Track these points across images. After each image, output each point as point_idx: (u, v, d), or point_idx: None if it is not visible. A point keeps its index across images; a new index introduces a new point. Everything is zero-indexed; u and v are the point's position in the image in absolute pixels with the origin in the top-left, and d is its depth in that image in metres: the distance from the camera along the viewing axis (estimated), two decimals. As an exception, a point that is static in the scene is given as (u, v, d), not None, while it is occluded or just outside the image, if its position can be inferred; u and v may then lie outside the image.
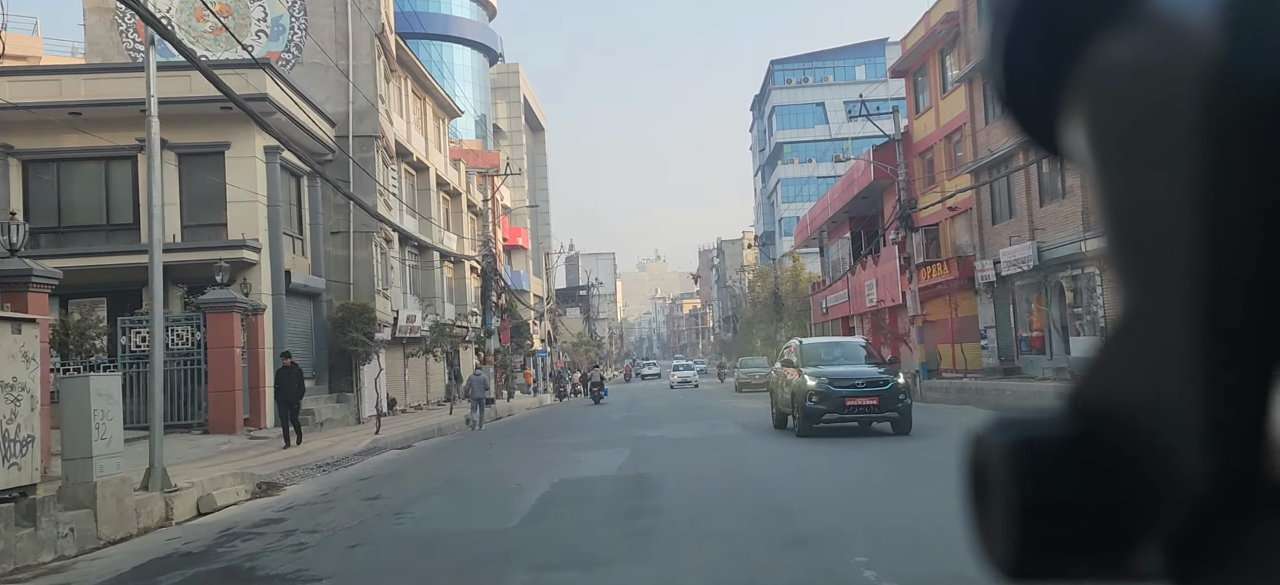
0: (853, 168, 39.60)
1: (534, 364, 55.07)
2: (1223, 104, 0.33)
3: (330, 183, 21.16)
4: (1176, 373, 0.36)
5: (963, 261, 28.79)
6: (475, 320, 36.06)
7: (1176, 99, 0.35)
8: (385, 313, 26.50)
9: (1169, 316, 0.36)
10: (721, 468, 12.17)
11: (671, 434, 18.01)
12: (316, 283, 23.10)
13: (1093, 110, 0.41)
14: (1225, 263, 0.34)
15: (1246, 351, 0.34)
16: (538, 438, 19.63)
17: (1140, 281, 0.39)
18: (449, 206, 39.02)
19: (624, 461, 13.46)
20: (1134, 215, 0.39)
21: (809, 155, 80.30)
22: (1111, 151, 0.40)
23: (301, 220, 23.20)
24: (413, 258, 33.71)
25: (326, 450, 16.74)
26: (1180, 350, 0.36)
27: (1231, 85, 0.33)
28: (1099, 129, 0.41)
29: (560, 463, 13.93)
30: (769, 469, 11.84)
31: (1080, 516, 0.42)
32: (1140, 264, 0.39)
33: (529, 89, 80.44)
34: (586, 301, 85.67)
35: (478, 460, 15.19)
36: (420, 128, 34.11)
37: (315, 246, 23.47)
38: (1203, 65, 0.34)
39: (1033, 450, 0.43)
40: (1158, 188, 0.36)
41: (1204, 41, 0.34)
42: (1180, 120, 0.35)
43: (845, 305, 43.85)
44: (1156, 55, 0.36)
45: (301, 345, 22.60)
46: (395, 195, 28.87)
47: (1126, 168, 0.39)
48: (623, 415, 26.61)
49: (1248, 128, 0.33)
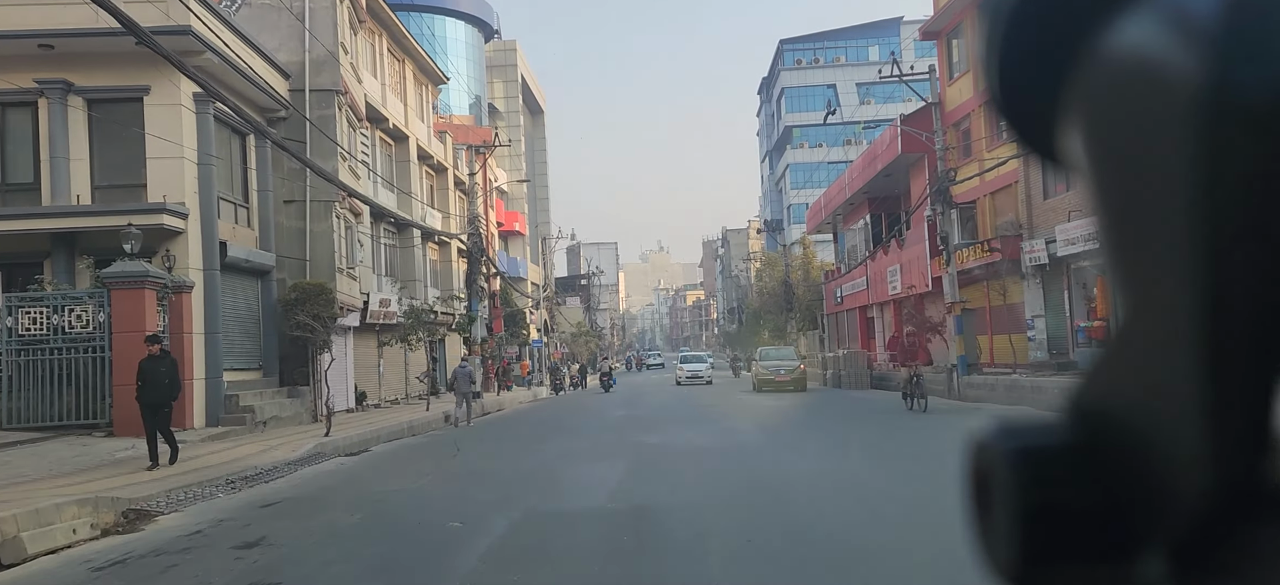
0: (876, 142, 36.20)
1: (531, 355, 51.81)
2: (1220, 111, 0.33)
3: (277, 143, 17.90)
4: (1178, 379, 0.36)
5: (1007, 242, 25.44)
6: (463, 306, 32.76)
7: (1173, 106, 0.35)
8: (351, 295, 23.21)
9: (1169, 323, 0.36)
10: (753, 496, 8.86)
11: (679, 440, 14.73)
12: (264, 258, 19.81)
13: (1089, 117, 0.41)
14: (1224, 269, 0.34)
15: (1247, 357, 0.34)
16: (521, 441, 16.35)
17: (1140, 288, 0.39)
18: (433, 182, 35.70)
19: (619, 481, 10.19)
20: (1132, 222, 0.38)
21: (819, 139, 76.87)
22: (1108, 158, 0.40)
23: (247, 185, 19.90)
24: (389, 236, 30.41)
25: (253, 458, 13.49)
26: (1181, 356, 0.36)
27: (1228, 92, 0.33)
28: (1096, 136, 0.40)
29: (538, 481, 10.68)
30: (823, 502, 8.52)
31: (1082, 523, 0.41)
32: (1140, 271, 0.38)
33: (527, 68, 77.00)
34: (587, 290, 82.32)
35: (435, 475, 11.92)
36: (398, 91, 30.77)
37: (264, 216, 20.18)
38: (1199, 72, 0.34)
39: (1035, 457, 0.43)
40: (1156, 195, 0.36)
41: (1200, 48, 0.34)
42: (1177, 127, 0.34)
43: (863, 294, 40.49)
44: (1153, 62, 0.36)
45: (243, 329, 19.32)
46: (365, 164, 25.55)
47: (1124, 174, 0.39)
48: (623, 412, 23.32)
49: (1245, 135, 0.33)
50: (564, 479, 10.87)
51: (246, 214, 19.81)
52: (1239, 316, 0.34)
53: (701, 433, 15.93)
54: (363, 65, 26.73)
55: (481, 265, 30.26)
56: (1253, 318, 0.34)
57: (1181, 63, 0.35)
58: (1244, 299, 0.34)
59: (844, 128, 74.74)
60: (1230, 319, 0.34)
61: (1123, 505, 0.41)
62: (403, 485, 10.73)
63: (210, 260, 17.27)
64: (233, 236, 18.62)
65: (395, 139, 30.52)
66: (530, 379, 46.23)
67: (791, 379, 31.43)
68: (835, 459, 11.52)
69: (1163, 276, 0.37)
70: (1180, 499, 0.37)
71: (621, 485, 9.93)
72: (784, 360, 32.61)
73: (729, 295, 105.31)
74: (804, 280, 54.56)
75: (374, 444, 17.09)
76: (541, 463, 12.82)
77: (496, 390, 35.57)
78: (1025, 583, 0.43)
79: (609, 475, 10.75)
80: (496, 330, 43.79)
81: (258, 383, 19.35)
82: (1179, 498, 0.37)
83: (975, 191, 27.90)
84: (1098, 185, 0.40)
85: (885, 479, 9.79)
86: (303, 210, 21.15)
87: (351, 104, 23.30)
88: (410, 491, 10.24)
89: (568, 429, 19.12)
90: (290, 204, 21.18)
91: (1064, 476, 0.42)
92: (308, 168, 18.35)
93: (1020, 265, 25.08)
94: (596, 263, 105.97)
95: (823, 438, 14.92)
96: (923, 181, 32.96)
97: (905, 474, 10.05)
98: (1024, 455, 0.43)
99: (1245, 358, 0.34)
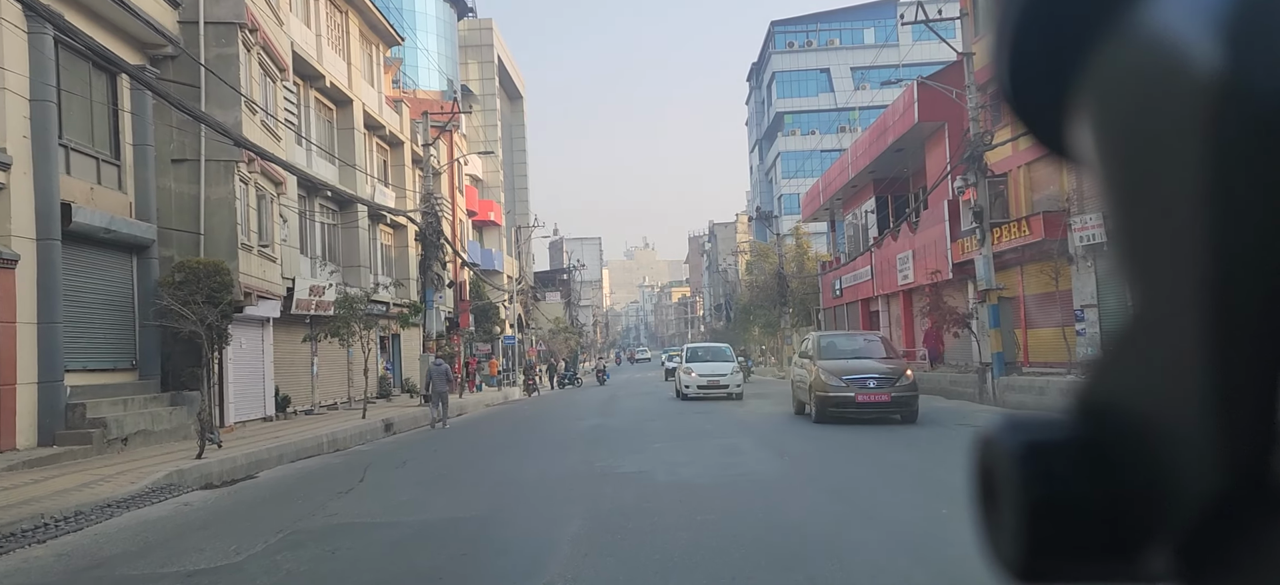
0: (887, 112, 32.29)
1: (504, 353, 47.69)
2: (1227, 110, 0.33)
3: (147, 85, 13.83)
4: (1184, 375, 0.36)
5: (1049, 220, 21.59)
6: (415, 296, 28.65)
7: (1182, 104, 0.35)
8: (267, 279, 19.08)
9: (1177, 319, 0.36)
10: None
11: (661, 471, 10.69)
12: (139, 229, 15.65)
13: (1099, 114, 0.41)
14: (1232, 266, 0.34)
15: (1253, 354, 0.34)
16: (442, 473, 12.24)
17: (1148, 284, 0.39)
18: (388, 157, 31.55)
19: (567, 561, 6.20)
20: (1141, 218, 0.38)
21: (811, 126, 73.16)
22: (1118, 155, 0.40)
23: (118, 137, 15.73)
24: (329, 215, 26.25)
25: (70, 495, 9.50)
26: (1188, 353, 0.36)
27: (1236, 91, 0.33)
28: (1105, 133, 0.40)
29: (431, 551, 6.69)
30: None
31: (1089, 518, 0.41)
32: (1148, 267, 0.39)
33: (505, 49, 72.70)
34: (568, 285, 78.14)
35: (286, 535, 7.84)
36: (339, 48, 26.60)
37: (142, 177, 16.03)
38: (1210, 69, 0.34)
39: (1041, 452, 0.43)
40: (1164, 192, 0.36)
41: (1212, 45, 0.34)
42: (1186, 125, 0.35)
43: (867, 285, 36.65)
44: (1164, 58, 0.36)
45: (108, 319, 15.18)
46: (291, 125, 21.39)
47: (1133, 171, 0.39)
48: (594, 422, 19.28)
49: (1252, 133, 0.33)
50: (480, 549, 6.85)
51: (116, 173, 15.64)
52: (1247, 312, 0.34)
53: (692, 456, 11.92)
54: (291, 8, 22.57)
55: (440, 251, 26.21)
56: (1260, 314, 0.34)
57: (1192, 59, 0.34)
58: (1252, 295, 0.34)
59: (838, 114, 71.02)
60: (1238, 315, 0.34)
61: (1129, 500, 0.40)
62: (205, 563, 6.64)
63: (46, 227, 13.12)
64: (90, 199, 14.47)
65: (336, 102, 26.36)
66: (500, 378, 42.12)
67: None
68: (911, 512, 7.51)
69: (1171, 272, 0.36)
70: (1187, 494, 0.37)
71: (568, 569, 5.93)
72: (852, 351, 17.69)
73: (716, 291, 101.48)
74: (798, 272, 50.72)
75: (268, 466, 13.06)
76: (462, 507, 8.82)
77: (460, 392, 31.45)
78: (1032, 578, 0.42)
79: (556, 539, 6.76)
80: (463, 325, 39.68)
81: (128, 387, 15.22)
82: (1185, 493, 0.37)
83: (1007, 163, 24.02)
84: (1108, 180, 0.40)
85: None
86: (197, 172, 16.98)
87: (267, 47, 19.16)
88: (206, 574, 6.18)
89: (518, 447, 15.09)
90: (181, 164, 17.02)
91: (1070, 472, 0.42)
92: (191, 116, 14.21)
93: (1068, 246, 21.24)
94: (579, 258, 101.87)
95: (870, 466, 10.94)
96: (940, 155, 29.09)
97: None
98: (1030, 450, 0.42)
99: (1252, 353, 0.34)
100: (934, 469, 9.86)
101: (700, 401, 23.96)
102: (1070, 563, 0.42)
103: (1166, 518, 0.39)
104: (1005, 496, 0.43)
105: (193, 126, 16.44)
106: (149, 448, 13.90)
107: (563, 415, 22.60)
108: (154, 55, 16.48)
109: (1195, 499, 0.37)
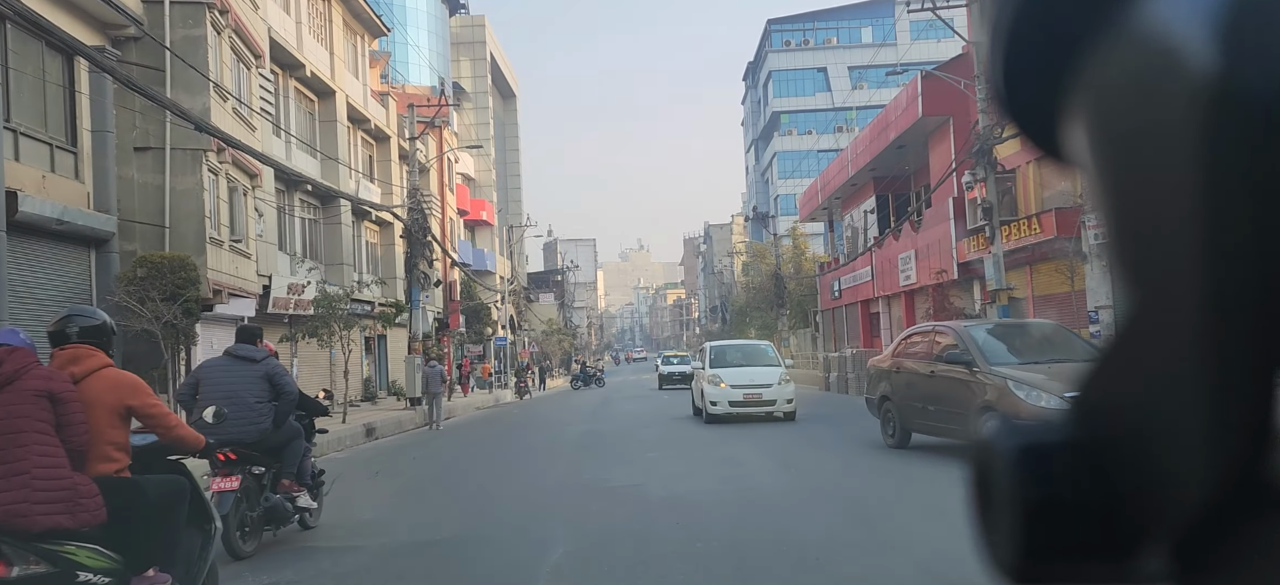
0: (889, 107, 31.36)
1: (495, 355, 46.68)
2: (1223, 111, 0.33)
3: (106, 69, 12.83)
4: (1180, 376, 0.36)
5: (1062, 217, 20.67)
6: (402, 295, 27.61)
7: (1176, 105, 0.35)
8: (240, 275, 18.06)
9: (1172, 320, 0.36)
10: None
11: (656, 483, 9.69)
12: (98, 221, 14.64)
13: (1093, 115, 0.41)
14: (1227, 266, 0.34)
15: (1249, 355, 0.34)
16: (417, 485, 11.26)
17: (1144, 286, 0.38)
18: (374, 152, 30.53)
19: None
20: (1136, 220, 0.38)
21: (808, 126, 72.19)
22: (1113, 156, 0.39)
23: (75, 122, 14.71)
24: (310, 210, 25.23)
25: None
26: (1184, 354, 0.36)
27: (1231, 92, 0.33)
28: (1100, 134, 0.40)
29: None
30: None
31: (1085, 520, 0.41)
32: (1143, 268, 0.38)
33: (497, 47, 71.74)
34: (562, 286, 77.11)
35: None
36: (321, 37, 25.58)
37: (102, 166, 15.00)
38: (1205, 69, 0.34)
39: (1037, 454, 0.43)
40: (1159, 193, 0.36)
41: (1206, 46, 0.34)
42: (1180, 126, 0.34)
43: (867, 286, 35.71)
44: (1157, 61, 0.36)
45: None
46: (267, 114, 20.37)
47: (1128, 173, 0.38)
48: (585, 427, 18.29)
49: (1246, 134, 0.33)
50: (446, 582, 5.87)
51: (73, 161, 14.61)
52: (1241, 313, 0.34)
53: (689, 467, 10.93)
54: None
55: (427, 248, 25.20)
56: (1255, 315, 0.34)
57: (1187, 60, 0.34)
58: (1246, 296, 0.34)
59: (835, 113, 70.11)
60: (1233, 316, 0.34)
61: (1125, 501, 0.40)
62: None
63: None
64: (42, 188, 13.44)
65: (318, 93, 25.33)
66: (491, 382, 41.11)
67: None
68: (942, 543, 6.54)
69: (1166, 273, 0.36)
70: (1183, 495, 0.37)
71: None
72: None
73: (711, 293, 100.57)
74: (795, 273, 49.80)
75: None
76: (432, 527, 7.86)
77: (449, 393, 30.42)
78: (1029, 580, 0.42)
79: (534, 571, 5.78)
80: (453, 325, 38.67)
81: (84, 390, 14.18)
82: (1181, 493, 0.37)
83: (1015, 158, 23.08)
84: (1102, 181, 0.40)
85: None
86: (162, 161, 15.96)
87: (240, 31, 18.15)
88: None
89: (504, 455, 14.12)
90: (145, 153, 16.00)
91: (1066, 473, 0.42)
92: (153, 100, 13.18)
93: (1082, 244, 20.30)
94: (573, 259, 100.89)
95: (885, 479, 9.97)
96: (944, 152, 28.17)
97: None
98: (1026, 452, 0.42)
99: (1247, 354, 0.34)
100: (948, 482, 8.90)
101: (679, 400, 21.12)
102: (1067, 564, 0.42)
103: (1163, 519, 0.38)
104: (1002, 498, 0.43)
105: (157, 112, 15.41)
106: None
107: (553, 420, 21.62)
108: (115, 36, 15.46)
109: (1191, 500, 0.37)
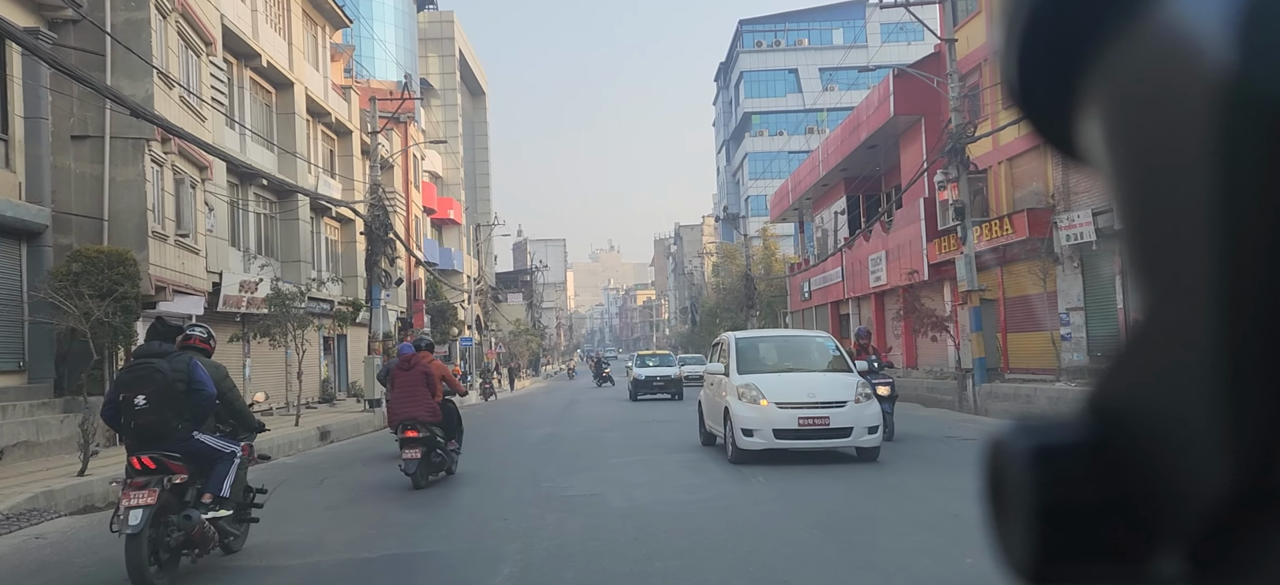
0: (860, 106, 31.05)
1: (461, 356, 45.85)
2: (1237, 111, 0.33)
3: (40, 55, 12.06)
4: (1195, 377, 0.36)
5: (1033, 217, 20.40)
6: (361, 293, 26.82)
7: (1191, 105, 0.35)
8: (187, 272, 17.26)
9: (1187, 321, 0.36)
10: None
11: (617, 495, 9.12)
12: (30, 213, 13.83)
13: (1108, 114, 0.40)
14: (1243, 267, 0.34)
15: (1264, 356, 0.34)
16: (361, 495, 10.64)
17: (1158, 286, 0.38)
18: (335, 147, 29.70)
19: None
20: (1151, 220, 0.38)
21: (779, 127, 71.99)
22: (1127, 156, 0.39)
23: (7, 109, 13.89)
24: (265, 206, 24.39)
25: None
26: (1199, 355, 0.36)
27: (1248, 91, 0.33)
28: (1114, 133, 0.40)
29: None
30: None
31: (1099, 521, 0.41)
32: (1158, 268, 0.38)
33: (466, 43, 70.76)
34: (530, 286, 76.27)
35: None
36: (278, 26, 24.75)
37: (35, 155, 14.19)
38: (1218, 69, 0.33)
39: (1051, 455, 0.43)
40: (1175, 192, 0.36)
41: (1221, 46, 0.34)
42: (1195, 127, 0.34)
43: (837, 287, 35.41)
44: (1171, 59, 0.36)
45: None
46: (218, 104, 19.56)
47: (1143, 171, 0.38)
48: (547, 431, 17.68)
49: (1262, 135, 0.33)
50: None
51: (3, 149, 13.79)
52: (1257, 314, 0.34)
53: (650, 475, 10.38)
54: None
55: (389, 245, 24.47)
56: (1271, 315, 0.33)
57: (1204, 59, 0.34)
58: (1262, 296, 0.33)
59: (805, 115, 69.97)
60: (1248, 317, 0.34)
61: (1139, 503, 0.40)
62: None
63: (-96, 206, 11.29)
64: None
65: (275, 85, 24.50)
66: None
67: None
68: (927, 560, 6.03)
69: (1181, 273, 0.36)
70: (1197, 497, 0.37)
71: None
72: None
73: (682, 294, 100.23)
74: (765, 274, 49.54)
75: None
76: (369, 542, 7.25)
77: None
78: (1043, 581, 0.42)
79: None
80: (418, 325, 37.84)
81: (13, 392, 13.37)
82: (1196, 496, 0.37)
83: (988, 158, 22.81)
84: (1117, 180, 0.40)
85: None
86: (101, 150, 15.15)
87: (189, 16, 17.35)
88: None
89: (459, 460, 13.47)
90: (83, 142, 15.18)
91: (1080, 475, 0.42)
92: (90, 87, 12.39)
93: (1053, 245, 20.05)
94: (543, 259, 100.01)
95: (858, 491, 9.48)
96: (915, 152, 27.87)
97: None
98: (1040, 454, 0.42)
99: (1263, 355, 0.34)
100: (934, 495, 8.42)
101: (650, 405, 21.13)
102: (1081, 565, 0.41)
103: (1176, 520, 0.38)
104: (1016, 500, 0.42)
105: (97, 99, 14.61)
106: (29, 461, 12.10)
107: (516, 422, 20.99)
108: (52, 18, 14.65)
109: (1206, 502, 0.36)
